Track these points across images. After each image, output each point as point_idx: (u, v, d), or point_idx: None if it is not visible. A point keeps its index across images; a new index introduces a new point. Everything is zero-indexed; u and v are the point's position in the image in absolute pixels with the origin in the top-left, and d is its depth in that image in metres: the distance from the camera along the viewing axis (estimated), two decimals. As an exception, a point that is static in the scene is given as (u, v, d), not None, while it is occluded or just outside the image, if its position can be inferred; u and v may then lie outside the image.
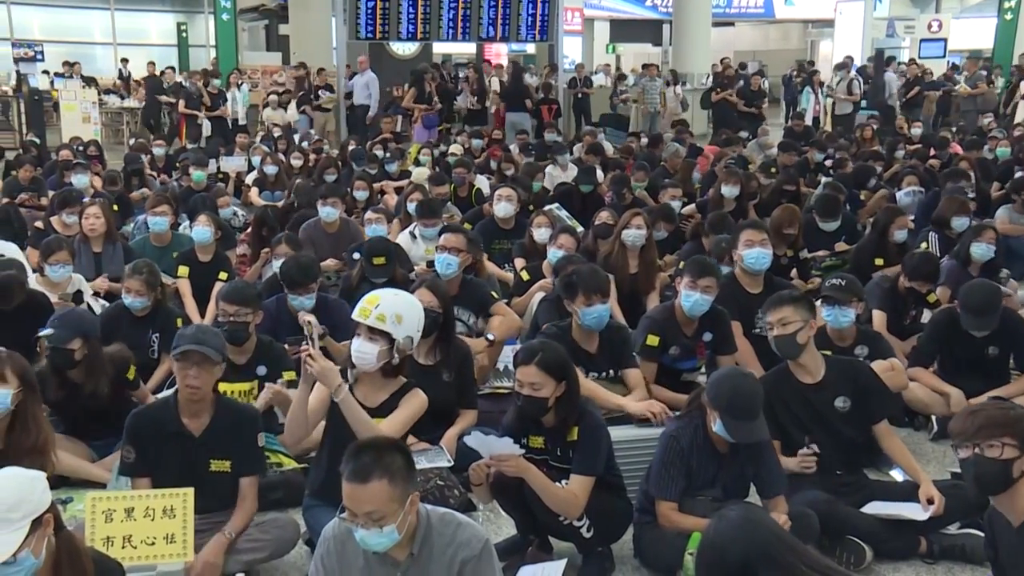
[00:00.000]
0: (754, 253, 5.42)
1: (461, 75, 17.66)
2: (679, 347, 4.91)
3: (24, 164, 10.16)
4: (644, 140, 13.95)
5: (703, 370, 5.09)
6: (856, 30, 23.30)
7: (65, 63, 19.61)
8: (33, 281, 6.00)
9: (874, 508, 3.92)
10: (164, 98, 17.71)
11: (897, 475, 4.34)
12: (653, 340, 4.87)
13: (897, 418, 4.95)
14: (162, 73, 18.66)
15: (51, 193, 8.98)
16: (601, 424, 3.75)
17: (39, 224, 7.94)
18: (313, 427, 3.69)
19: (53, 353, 4.45)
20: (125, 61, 21.76)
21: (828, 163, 11.23)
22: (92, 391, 4.50)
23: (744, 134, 14.65)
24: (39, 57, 18.67)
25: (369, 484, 2.64)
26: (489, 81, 17.80)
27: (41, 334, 4.52)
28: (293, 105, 16.55)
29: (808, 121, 16.55)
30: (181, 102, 15.74)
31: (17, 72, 18.35)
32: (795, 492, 3.82)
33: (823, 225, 7.61)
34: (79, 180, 8.95)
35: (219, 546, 3.52)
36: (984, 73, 17.86)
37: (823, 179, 9.96)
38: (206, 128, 15.22)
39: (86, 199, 7.89)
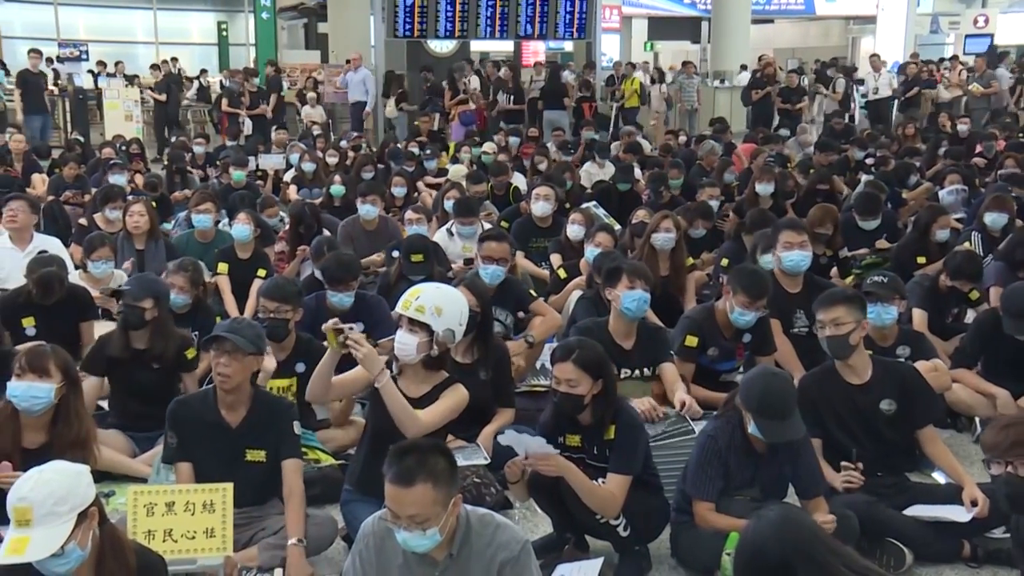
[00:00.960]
0: (793, 255, 5.36)
1: (500, 73, 17.62)
2: (718, 348, 4.87)
3: (69, 162, 10.31)
4: (683, 138, 13.88)
5: (742, 370, 5.05)
6: (899, 26, 22.99)
7: (100, 63, 19.88)
8: (76, 276, 6.10)
9: (917, 511, 3.87)
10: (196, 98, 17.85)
11: (940, 477, 4.29)
12: (692, 341, 4.84)
13: (939, 419, 4.88)
14: (202, 72, 18.85)
15: (94, 191, 9.12)
16: (638, 423, 3.74)
17: (82, 221, 8.05)
18: (338, 397, 3.88)
19: (126, 310, 4.69)
20: (175, 60, 21.98)
21: (869, 161, 11.10)
22: (156, 355, 4.68)
23: (783, 132, 14.53)
24: (84, 57, 18.95)
25: (413, 488, 2.65)
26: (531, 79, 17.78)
27: (119, 289, 4.89)
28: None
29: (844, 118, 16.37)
30: (224, 100, 15.88)
31: (55, 71, 18.63)
32: (834, 493, 3.79)
33: (863, 224, 7.52)
34: (116, 179, 9.04)
35: (300, 558, 3.53)
36: (992, 71, 17.43)
37: (863, 177, 9.85)
38: (247, 126, 15.33)
39: (129, 197, 7.99)
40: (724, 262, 6.66)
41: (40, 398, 3.67)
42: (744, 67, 18.90)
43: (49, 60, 17.24)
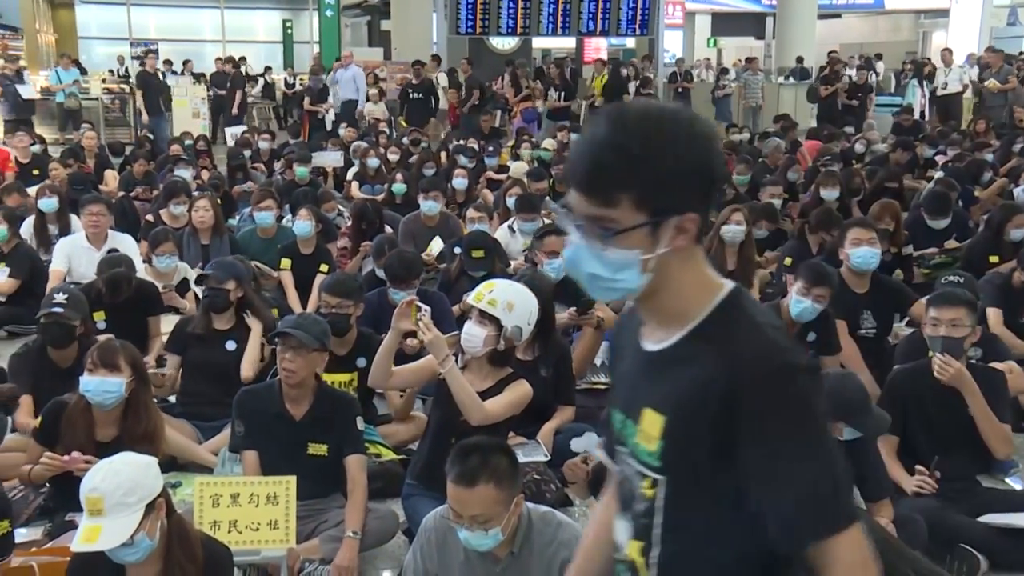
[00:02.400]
0: (861, 252, 5.26)
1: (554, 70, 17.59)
2: None
3: (138, 159, 10.55)
4: (746, 135, 13.73)
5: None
6: (973, 19, 22.39)
7: (166, 61, 20.24)
8: (142, 271, 6.24)
9: (991, 519, 3.77)
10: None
11: (1015, 483, 4.18)
12: None
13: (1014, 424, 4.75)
14: (267, 69, 19.07)
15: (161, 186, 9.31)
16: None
17: (149, 217, 8.21)
18: (400, 385, 4.10)
19: (211, 293, 4.88)
20: (243, 59, 22.29)
21: (939, 158, 10.86)
22: (241, 334, 4.89)
23: (848, 129, 14.28)
24: (154, 55, 19.31)
25: (476, 488, 2.66)
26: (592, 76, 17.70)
27: (203, 273, 5.13)
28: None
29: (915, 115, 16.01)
30: (307, 99, 16.08)
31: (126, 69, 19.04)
32: (902, 496, 3.71)
33: (932, 223, 7.35)
34: (181, 173, 9.22)
35: (351, 549, 3.56)
36: (1008, 67, 16.84)
37: (933, 175, 9.65)
38: (328, 123, 15.48)
39: (195, 192, 8.13)
40: (788, 261, 6.57)
41: (112, 392, 3.74)
42: (800, 59, 18.58)
43: (120, 59, 17.59)
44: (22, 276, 6.53)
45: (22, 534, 3.53)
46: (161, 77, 16.41)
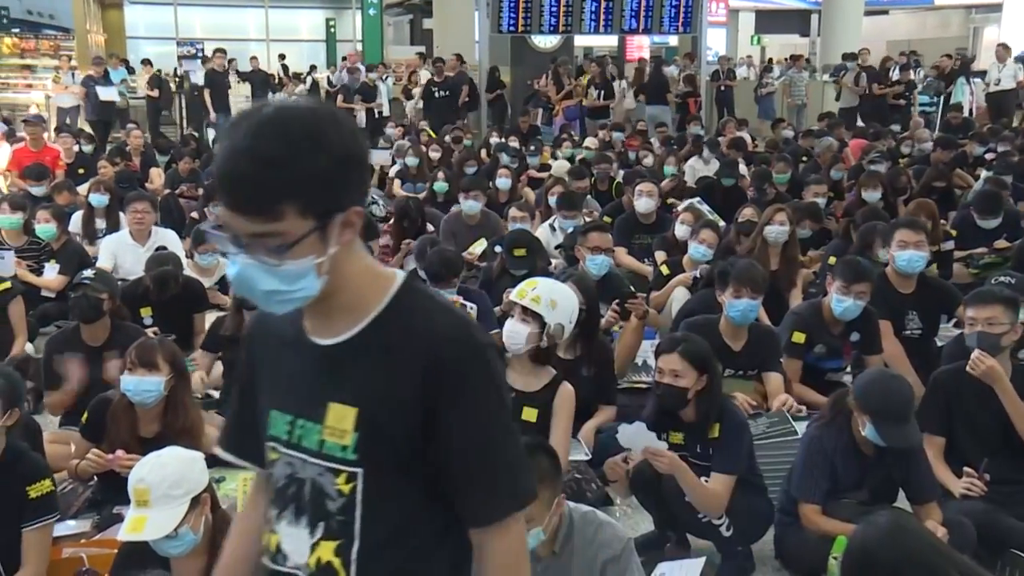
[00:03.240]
0: (907, 255, 5.18)
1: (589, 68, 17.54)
2: (825, 346, 4.76)
3: (183, 157, 10.69)
4: (789, 132, 13.59)
5: (848, 370, 4.93)
6: (1027, 13, 21.95)
7: (204, 57, 20.42)
8: (187, 267, 6.33)
9: None
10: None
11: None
12: (799, 337, 4.74)
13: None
14: (312, 68, 19.21)
15: (207, 184, 9.41)
16: (744, 422, 3.68)
17: (194, 214, 8.32)
18: None
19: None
20: (282, 57, 22.50)
21: (988, 156, 10.67)
22: None
23: (894, 127, 14.09)
24: (199, 54, 19.54)
25: None
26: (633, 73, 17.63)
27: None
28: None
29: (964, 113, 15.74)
30: (339, 96, 16.19)
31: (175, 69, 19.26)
32: (948, 498, 3.65)
33: (982, 222, 7.22)
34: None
35: None
36: None
37: (983, 173, 9.48)
38: (360, 120, 15.56)
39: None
40: (831, 260, 6.50)
41: (151, 391, 3.79)
42: (846, 56, 18.29)
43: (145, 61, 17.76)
44: (71, 273, 6.62)
45: (71, 526, 3.59)
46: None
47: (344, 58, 16.80)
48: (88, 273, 4.78)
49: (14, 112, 15.80)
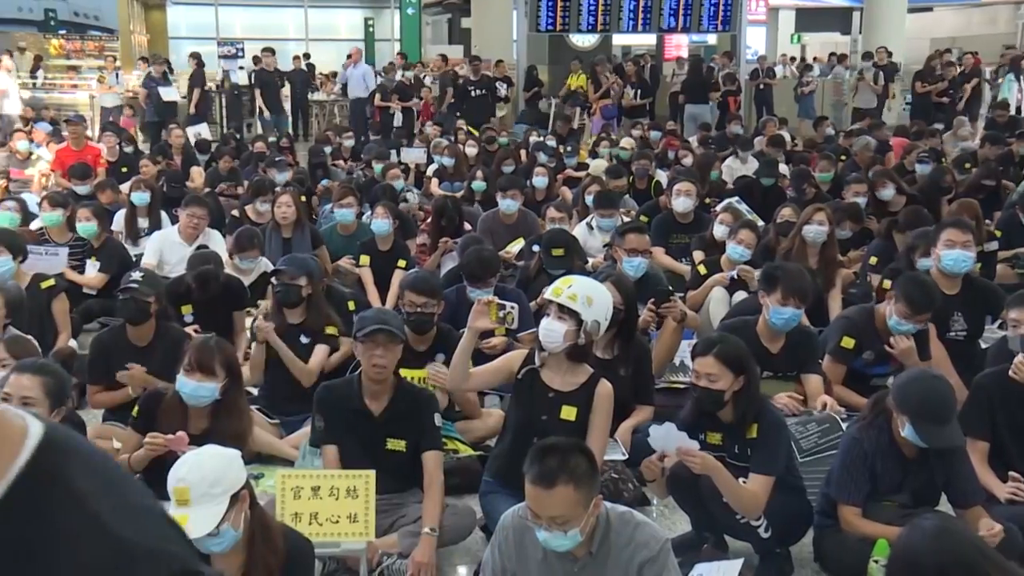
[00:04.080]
0: (954, 255, 5.10)
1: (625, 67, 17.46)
2: (874, 352, 4.69)
3: (224, 155, 10.80)
4: (830, 131, 13.46)
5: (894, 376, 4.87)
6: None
7: (255, 58, 20.55)
8: (226, 266, 6.38)
9: None
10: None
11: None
12: (848, 342, 4.68)
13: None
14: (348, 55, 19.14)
15: (246, 183, 9.49)
16: (781, 422, 3.65)
17: (235, 212, 8.39)
18: (478, 387, 4.20)
19: (283, 288, 5.00)
20: (306, 56, 22.60)
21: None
22: (311, 328, 5.03)
23: (938, 126, 13.89)
24: (239, 54, 19.71)
25: (555, 489, 2.65)
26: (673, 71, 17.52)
27: (276, 268, 5.23)
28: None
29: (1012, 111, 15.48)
30: (376, 95, 16.27)
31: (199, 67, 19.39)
32: (994, 503, 3.60)
33: (1029, 222, 7.12)
34: (281, 177, 9.24)
35: (429, 546, 3.58)
36: None
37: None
38: (397, 119, 15.62)
39: (278, 188, 8.29)
40: (873, 260, 6.43)
41: (205, 397, 3.86)
42: (865, 55, 18.08)
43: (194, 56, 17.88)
44: (112, 270, 6.73)
45: (114, 521, 3.62)
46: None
47: (349, 55, 16.73)
48: (136, 275, 4.84)
49: (60, 112, 16.02)
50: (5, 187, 9.93)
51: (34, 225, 7.26)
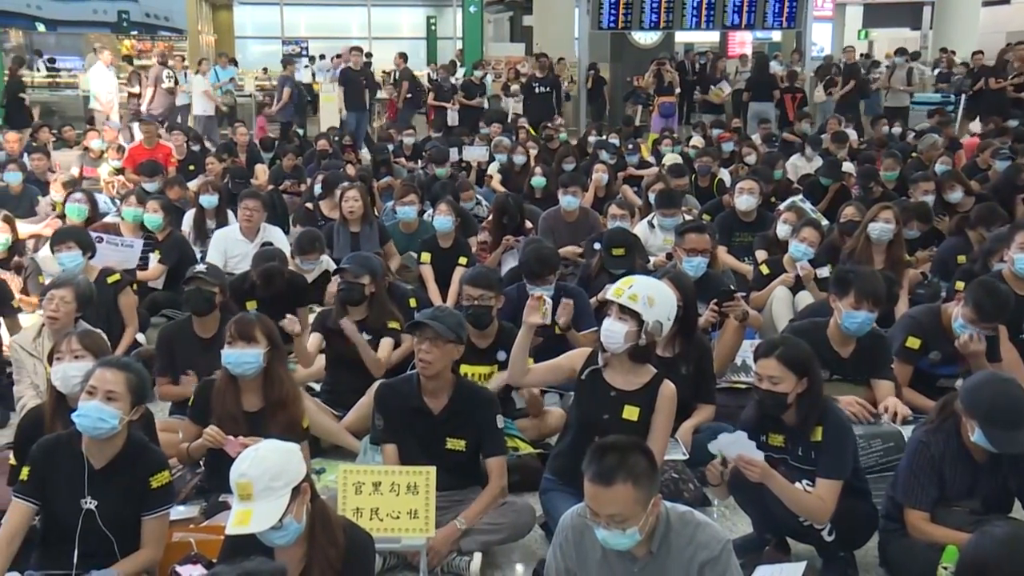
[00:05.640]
0: None
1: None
2: (941, 353, 4.60)
3: (287, 153, 10.95)
4: (897, 129, 13.21)
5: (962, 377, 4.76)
6: None
7: (321, 56, 20.80)
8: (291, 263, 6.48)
9: None
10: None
11: None
12: (914, 343, 4.59)
13: None
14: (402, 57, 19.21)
15: (308, 180, 9.62)
16: (847, 425, 3.58)
17: (308, 205, 8.53)
18: (538, 383, 4.17)
19: (346, 286, 5.07)
20: (368, 55, 22.73)
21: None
22: (373, 326, 5.09)
23: (1013, 123, 13.53)
24: (304, 53, 19.93)
25: (613, 487, 2.64)
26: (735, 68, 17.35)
27: (340, 267, 5.28)
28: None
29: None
30: (431, 93, 16.34)
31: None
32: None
33: (1104, 222, 6.89)
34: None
35: (449, 534, 3.63)
36: None
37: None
38: (452, 118, 15.66)
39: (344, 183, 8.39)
40: (960, 259, 6.27)
41: (250, 363, 3.91)
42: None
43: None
44: (170, 263, 6.87)
45: (180, 511, 3.71)
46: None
47: (338, 55, 16.60)
48: (201, 267, 4.95)
49: (128, 110, 16.36)
50: (78, 181, 10.14)
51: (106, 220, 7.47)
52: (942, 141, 11.11)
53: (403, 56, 16.70)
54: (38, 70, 20.59)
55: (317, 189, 8.74)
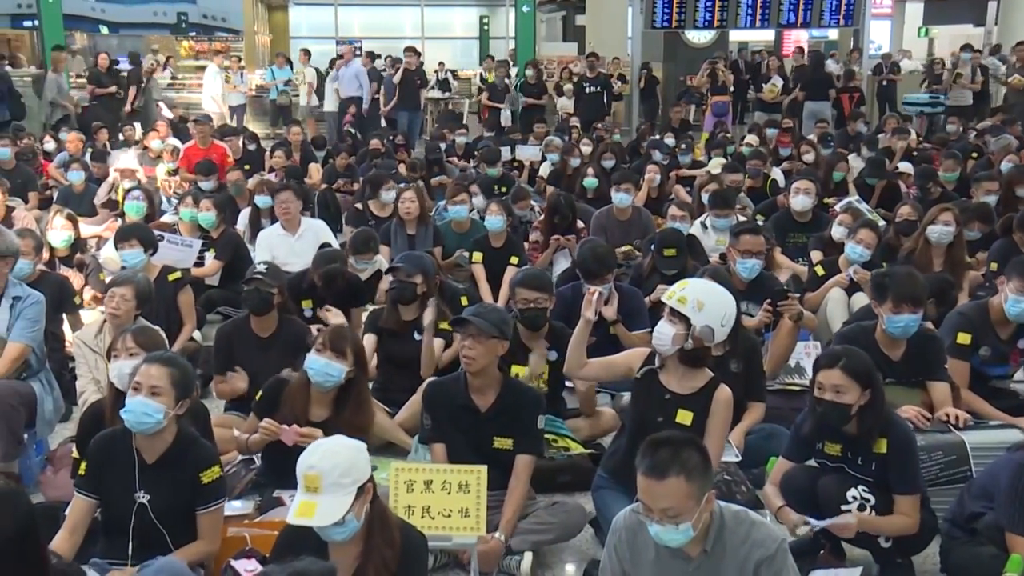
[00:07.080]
0: None
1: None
2: (991, 349, 4.51)
3: (340, 152, 11.05)
4: (951, 127, 12.97)
5: (1015, 378, 4.67)
6: None
7: (369, 54, 20.84)
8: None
9: None
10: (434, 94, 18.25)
11: None
12: (964, 338, 4.51)
13: None
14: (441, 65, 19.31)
15: (361, 179, 9.69)
16: (912, 436, 3.52)
17: (358, 206, 8.59)
18: (597, 376, 4.10)
19: (398, 286, 5.10)
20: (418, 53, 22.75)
21: None
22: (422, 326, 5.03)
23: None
24: (358, 53, 20.03)
25: (666, 480, 2.63)
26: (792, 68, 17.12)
27: (392, 266, 5.33)
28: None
29: None
30: (484, 94, 16.34)
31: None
32: None
33: None
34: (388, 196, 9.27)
35: (493, 553, 3.61)
36: None
37: None
38: (505, 118, 15.66)
39: (401, 184, 8.45)
40: (993, 266, 6.14)
41: (333, 376, 3.93)
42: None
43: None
44: (225, 259, 6.98)
45: (235, 507, 3.75)
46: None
47: (341, 56, 16.48)
48: (260, 267, 5.00)
49: (188, 110, 16.62)
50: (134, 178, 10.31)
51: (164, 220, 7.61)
52: (1015, 143, 10.86)
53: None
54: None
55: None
